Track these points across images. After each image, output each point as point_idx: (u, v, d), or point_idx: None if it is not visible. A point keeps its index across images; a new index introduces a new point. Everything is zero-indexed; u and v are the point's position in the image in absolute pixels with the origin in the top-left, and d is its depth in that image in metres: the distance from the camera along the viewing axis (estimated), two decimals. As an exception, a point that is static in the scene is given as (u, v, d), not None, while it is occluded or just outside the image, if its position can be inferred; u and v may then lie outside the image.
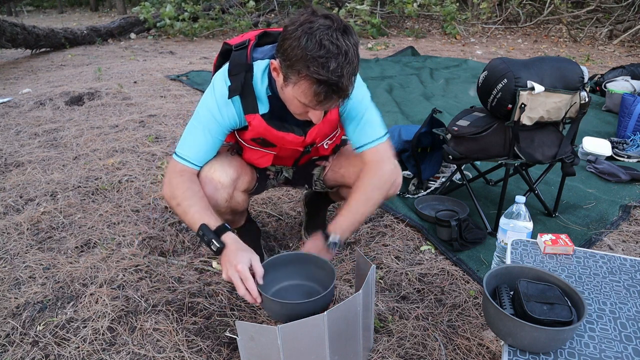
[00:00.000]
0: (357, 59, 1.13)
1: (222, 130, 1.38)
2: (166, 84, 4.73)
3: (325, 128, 1.45)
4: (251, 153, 1.51)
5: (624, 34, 7.34)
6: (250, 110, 1.34)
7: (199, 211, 1.30)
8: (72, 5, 19.69)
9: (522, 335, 0.94)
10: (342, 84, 1.11)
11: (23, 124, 3.43)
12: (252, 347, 1.07)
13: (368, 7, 8.23)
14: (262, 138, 1.41)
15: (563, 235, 1.35)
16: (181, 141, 1.39)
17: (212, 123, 1.35)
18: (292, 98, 1.21)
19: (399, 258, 1.82)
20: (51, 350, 1.38)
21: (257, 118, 1.35)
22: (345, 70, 1.10)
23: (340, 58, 1.09)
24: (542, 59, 1.85)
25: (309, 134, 1.42)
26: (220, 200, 1.44)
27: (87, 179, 2.50)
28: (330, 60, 1.08)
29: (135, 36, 8.50)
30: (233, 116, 1.35)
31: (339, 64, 1.09)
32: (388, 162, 1.45)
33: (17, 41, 6.22)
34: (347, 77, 1.11)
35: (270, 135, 1.39)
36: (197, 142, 1.37)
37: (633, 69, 3.87)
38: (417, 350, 1.37)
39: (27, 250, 1.88)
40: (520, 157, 1.86)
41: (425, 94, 4.28)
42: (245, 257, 1.23)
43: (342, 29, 1.11)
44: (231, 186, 1.46)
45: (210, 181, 1.40)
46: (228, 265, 1.22)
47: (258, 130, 1.38)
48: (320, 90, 1.12)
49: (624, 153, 2.74)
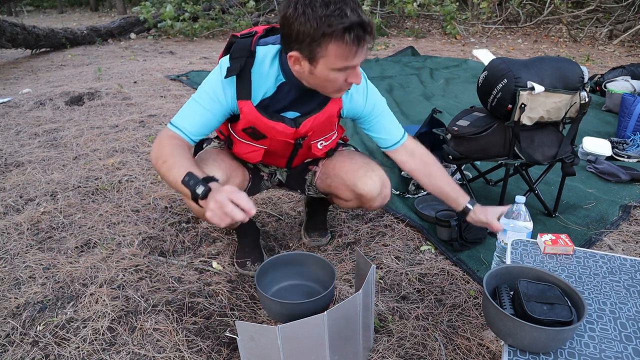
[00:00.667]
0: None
1: (221, 110, 1.35)
2: (166, 84, 4.73)
3: (322, 122, 1.43)
4: (241, 147, 1.49)
5: (624, 34, 7.33)
6: (243, 97, 1.33)
7: (186, 165, 1.23)
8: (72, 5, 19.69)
9: (522, 335, 0.94)
10: (365, 20, 1.13)
11: (23, 124, 3.43)
12: (252, 347, 1.07)
13: (368, 7, 8.23)
14: (253, 127, 1.39)
15: (563, 235, 1.35)
16: (178, 113, 1.37)
17: (213, 101, 1.33)
18: (326, 73, 1.20)
19: (399, 258, 1.82)
20: (51, 350, 1.38)
21: (249, 105, 1.34)
22: (360, 10, 1.13)
23: (349, 2, 1.12)
24: (542, 59, 1.85)
25: (302, 125, 1.40)
26: None
27: (87, 179, 2.50)
28: (343, 8, 1.11)
29: (135, 36, 8.51)
30: (233, 97, 1.34)
31: (351, 7, 1.12)
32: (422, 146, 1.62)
33: (17, 41, 6.22)
34: (364, 14, 1.14)
35: (260, 124, 1.38)
36: (194, 114, 1.35)
37: (633, 69, 3.87)
38: (417, 350, 1.37)
39: (27, 250, 1.88)
40: (520, 157, 1.86)
41: (425, 94, 4.28)
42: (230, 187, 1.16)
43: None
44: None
45: None
46: (210, 198, 1.13)
47: (248, 118, 1.37)
48: (353, 37, 1.13)
49: (624, 153, 2.74)
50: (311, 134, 1.46)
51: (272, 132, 1.41)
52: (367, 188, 1.52)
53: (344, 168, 1.57)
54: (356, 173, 1.53)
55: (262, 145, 1.47)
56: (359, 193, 1.53)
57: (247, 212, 1.11)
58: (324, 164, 1.66)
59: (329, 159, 1.66)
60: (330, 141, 1.57)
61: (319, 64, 1.18)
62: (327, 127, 1.48)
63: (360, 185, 1.52)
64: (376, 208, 1.61)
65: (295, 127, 1.40)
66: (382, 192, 1.55)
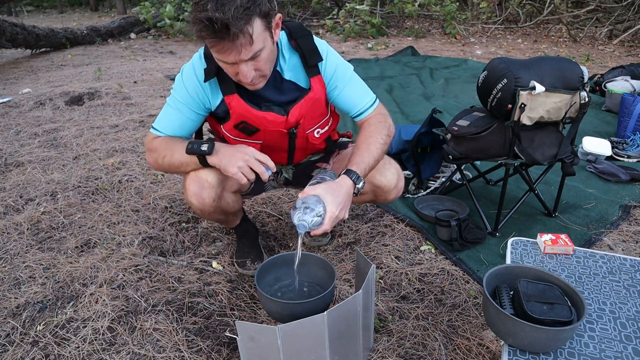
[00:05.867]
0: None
1: (192, 112, 1.40)
2: (166, 84, 4.72)
3: (309, 107, 1.42)
4: None
5: (624, 33, 7.33)
6: (228, 92, 1.35)
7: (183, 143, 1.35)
8: (72, 5, 19.68)
9: (522, 335, 0.94)
10: (218, 17, 1.05)
11: (23, 124, 3.43)
12: (252, 347, 1.07)
13: (368, 7, 8.23)
14: (244, 122, 1.40)
15: (563, 235, 1.35)
16: (158, 117, 1.44)
17: (181, 104, 1.39)
18: (219, 63, 1.23)
19: (399, 258, 1.82)
20: (51, 350, 1.38)
21: (236, 98, 1.35)
22: (229, 5, 1.06)
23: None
24: (542, 59, 1.85)
25: (291, 113, 1.40)
26: (207, 199, 1.44)
27: (87, 179, 2.50)
28: (207, 1, 1.07)
29: (135, 36, 8.50)
30: (202, 95, 1.37)
31: (218, 2, 1.06)
32: (388, 118, 1.48)
33: (17, 41, 6.22)
34: (228, 13, 1.06)
35: (251, 116, 1.38)
36: (168, 118, 1.42)
37: (633, 69, 3.87)
38: (417, 350, 1.37)
39: (27, 250, 1.88)
40: (520, 157, 1.86)
41: (425, 94, 4.27)
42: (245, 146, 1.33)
43: None
44: (219, 186, 1.45)
45: (197, 179, 1.41)
46: (234, 155, 1.29)
47: (239, 112, 1.37)
48: (203, 33, 1.10)
49: (624, 153, 2.74)
50: (303, 121, 1.44)
51: (263, 123, 1.40)
52: (385, 180, 1.52)
53: None
54: None
55: (256, 140, 1.47)
56: (376, 185, 1.53)
57: (270, 168, 1.27)
58: (336, 159, 1.66)
59: (342, 154, 1.66)
60: (327, 127, 1.55)
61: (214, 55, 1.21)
62: (318, 112, 1.46)
63: (378, 176, 1.52)
64: (390, 201, 1.60)
65: (285, 115, 1.40)
66: (398, 185, 1.56)
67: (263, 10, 1.13)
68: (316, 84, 1.41)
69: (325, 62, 1.40)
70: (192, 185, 1.42)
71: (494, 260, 1.79)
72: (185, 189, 1.46)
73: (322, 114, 1.49)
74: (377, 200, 1.62)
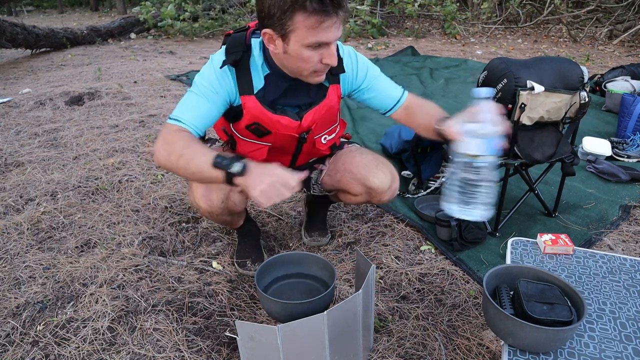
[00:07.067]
0: None
1: (220, 100, 1.32)
2: (166, 84, 4.72)
3: (323, 113, 1.44)
4: (245, 146, 1.49)
5: (624, 34, 7.33)
6: (245, 92, 1.33)
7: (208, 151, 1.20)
8: (72, 5, 19.68)
9: (522, 335, 0.94)
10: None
11: (23, 124, 3.43)
12: (252, 347, 1.07)
13: (368, 7, 8.22)
14: (257, 124, 1.39)
15: (563, 235, 1.35)
16: (177, 107, 1.33)
17: (210, 92, 1.31)
18: (299, 51, 1.18)
19: (399, 258, 1.82)
20: (51, 350, 1.38)
21: (252, 99, 1.34)
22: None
23: None
24: (542, 59, 1.85)
25: (305, 118, 1.41)
26: (216, 201, 1.43)
27: (87, 179, 2.50)
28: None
29: (135, 36, 8.50)
30: (230, 87, 1.32)
31: None
32: None
33: (17, 41, 6.22)
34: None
35: (265, 118, 1.37)
36: (193, 106, 1.31)
37: (633, 69, 3.87)
38: (417, 350, 1.37)
39: (27, 250, 1.88)
40: (519, 157, 1.86)
41: (425, 94, 4.27)
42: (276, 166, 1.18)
43: None
44: (226, 186, 1.45)
45: None
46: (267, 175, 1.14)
47: (253, 113, 1.36)
48: (318, 8, 1.10)
49: (624, 153, 2.74)
50: (314, 127, 1.46)
51: (276, 127, 1.40)
52: (378, 181, 1.53)
53: (355, 163, 1.57)
54: (367, 167, 1.54)
55: (266, 142, 1.47)
56: (370, 186, 1.53)
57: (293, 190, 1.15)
58: (331, 161, 1.67)
59: (336, 155, 1.67)
60: (334, 134, 1.57)
61: (291, 41, 1.17)
62: (329, 119, 1.49)
63: (372, 178, 1.52)
64: (385, 202, 1.61)
65: (299, 120, 1.40)
66: (392, 186, 1.56)
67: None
68: (332, 92, 1.43)
69: (357, 67, 1.45)
70: (200, 187, 1.41)
71: (494, 260, 1.79)
72: (192, 191, 1.45)
73: (332, 121, 1.51)
74: (372, 201, 1.62)
